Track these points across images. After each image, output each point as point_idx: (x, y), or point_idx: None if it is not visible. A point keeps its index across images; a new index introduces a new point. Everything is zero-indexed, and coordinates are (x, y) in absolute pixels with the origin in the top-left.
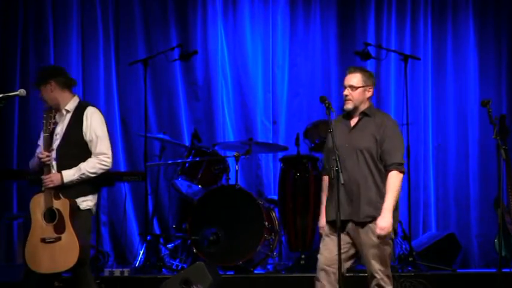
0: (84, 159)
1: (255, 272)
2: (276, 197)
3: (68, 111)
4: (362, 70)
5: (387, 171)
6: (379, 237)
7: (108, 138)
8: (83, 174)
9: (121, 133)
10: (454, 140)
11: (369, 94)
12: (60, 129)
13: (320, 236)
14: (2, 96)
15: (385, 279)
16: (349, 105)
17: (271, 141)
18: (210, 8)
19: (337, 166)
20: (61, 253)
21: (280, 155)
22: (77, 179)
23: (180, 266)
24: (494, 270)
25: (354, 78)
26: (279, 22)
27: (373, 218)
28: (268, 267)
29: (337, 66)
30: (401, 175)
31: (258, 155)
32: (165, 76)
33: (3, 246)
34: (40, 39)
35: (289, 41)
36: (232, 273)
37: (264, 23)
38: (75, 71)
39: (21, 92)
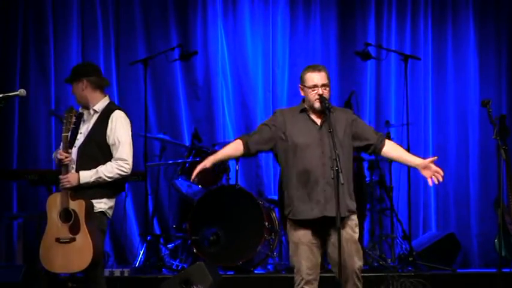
0: (104, 162)
1: (255, 272)
2: (276, 197)
3: (96, 112)
4: (325, 67)
5: (382, 144)
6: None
7: (131, 145)
8: (100, 177)
9: None
10: (454, 140)
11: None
12: (85, 128)
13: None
14: (2, 96)
15: (360, 277)
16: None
17: None
18: (210, 8)
19: (336, 166)
20: (75, 254)
21: None
22: (94, 181)
23: (180, 266)
24: (494, 270)
25: (325, 77)
26: (279, 22)
27: (352, 212)
28: (269, 267)
29: (337, 66)
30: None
31: (258, 155)
32: (165, 76)
33: (3, 246)
34: (40, 39)
35: (289, 41)
36: (232, 273)
37: (264, 23)
38: None
39: (21, 92)
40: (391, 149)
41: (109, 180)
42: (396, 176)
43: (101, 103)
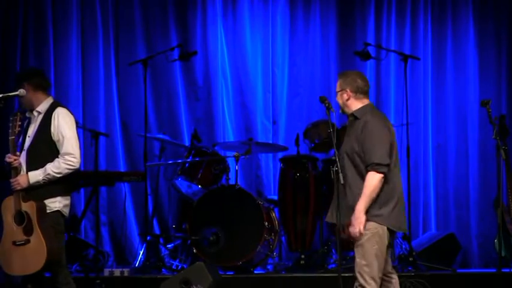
0: (53, 160)
1: (255, 272)
2: (275, 197)
3: (39, 113)
4: (341, 75)
5: (367, 171)
6: (350, 236)
7: (76, 139)
8: (48, 174)
9: (121, 133)
10: (453, 140)
11: (345, 96)
12: (31, 131)
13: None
14: (2, 96)
15: (368, 280)
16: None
17: (271, 141)
18: (209, 8)
19: (336, 166)
20: (30, 255)
21: (280, 155)
22: (43, 179)
23: (180, 266)
24: (494, 270)
25: (337, 84)
26: (278, 22)
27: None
28: (268, 267)
29: (337, 66)
30: (377, 175)
31: (258, 155)
32: (165, 76)
33: None
34: (40, 40)
35: (289, 41)
36: (232, 273)
37: (263, 23)
38: (75, 71)
39: (21, 92)
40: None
41: (59, 176)
42: None
43: (44, 104)
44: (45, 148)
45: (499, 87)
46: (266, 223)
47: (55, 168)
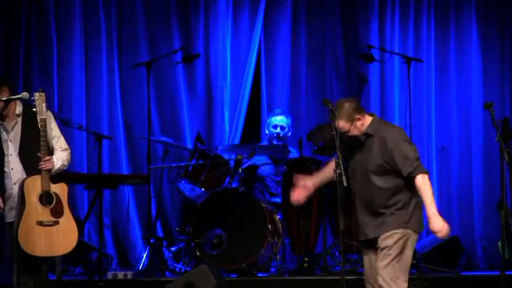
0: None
1: (259, 275)
2: (279, 200)
3: (18, 115)
4: (336, 114)
5: (412, 179)
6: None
7: None
8: (63, 165)
9: (124, 136)
10: (457, 142)
11: (359, 123)
12: (14, 135)
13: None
14: (6, 99)
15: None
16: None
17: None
18: (212, 11)
19: (339, 169)
20: (59, 237)
21: None
22: (59, 167)
23: (183, 269)
24: (497, 273)
25: (341, 125)
26: (281, 25)
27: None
28: (272, 270)
29: (340, 68)
30: (425, 176)
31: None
32: (168, 79)
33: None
34: (43, 42)
35: (292, 44)
36: (235, 276)
37: (266, 26)
38: (78, 73)
39: (25, 95)
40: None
41: (63, 169)
42: None
43: (20, 105)
44: (37, 147)
45: (502, 89)
46: (269, 226)
47: (66, 160)
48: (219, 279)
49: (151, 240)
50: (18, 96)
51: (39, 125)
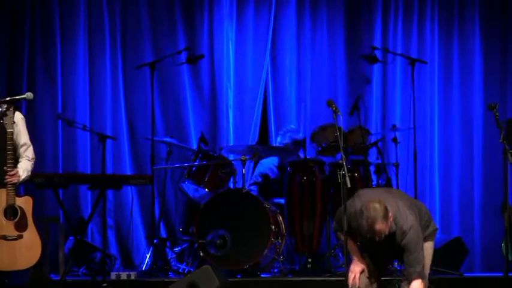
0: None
1: (262, 275)
2: (282, 201)
3: None
4: (379, 218)
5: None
6: None
7: None
8: (28, 175)
9: (128, 136)
10: (459, 143)
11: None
12: None
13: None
14: (10, 100)
15: None
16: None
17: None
18: (216, 11)
19: (343, 170)
20: (22, 251)
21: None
22: (24, 178)
23: (186, 270)
24: (500, 274)
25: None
26: (285, 26)
27: None
28: (275, 270)
29: (344, 70)
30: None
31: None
32: (172, 79)
33: None
34: (47, 43)
35: (296, 45)
36: (239, 276)
37: (270, 28)
38: (82, 74)
39: (29, 95)
40: None
41: (26, 179)
42: (403, 180)
43: None
44: (3, 161)
45: (505, 91)
46: (273, 227)
47: (30, 171)
48: (222, 280)
49: (155, 241)
50: (23, 96)
51: (7, 138)
